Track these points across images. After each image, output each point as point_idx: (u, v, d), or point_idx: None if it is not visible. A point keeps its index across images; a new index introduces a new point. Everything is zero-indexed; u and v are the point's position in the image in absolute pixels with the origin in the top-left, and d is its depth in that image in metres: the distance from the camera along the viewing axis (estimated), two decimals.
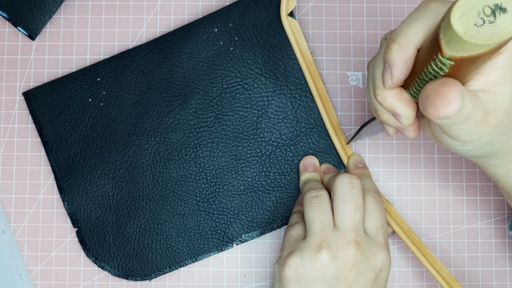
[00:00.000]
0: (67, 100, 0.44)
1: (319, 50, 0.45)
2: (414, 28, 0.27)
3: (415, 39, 0.27)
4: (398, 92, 0.30)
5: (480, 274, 0.44)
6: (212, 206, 0.44)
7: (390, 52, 0.28)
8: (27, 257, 0.44)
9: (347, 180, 0.37)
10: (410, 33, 0.27)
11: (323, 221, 0.37)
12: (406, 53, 0.27)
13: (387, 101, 0.30)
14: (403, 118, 0.30)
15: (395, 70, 0.28)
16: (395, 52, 0.28)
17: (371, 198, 0.38)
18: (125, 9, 0.46)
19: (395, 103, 0.30)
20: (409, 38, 0.27)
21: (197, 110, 0.44)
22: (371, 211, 0.38)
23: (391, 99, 0.30)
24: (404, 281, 0.44)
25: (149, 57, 0.44)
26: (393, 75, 0.28)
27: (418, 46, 0.27)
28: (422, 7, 0.27)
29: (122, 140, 0.44)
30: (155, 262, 0.44)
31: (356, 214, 0.36)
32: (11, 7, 0.44)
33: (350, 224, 0.36)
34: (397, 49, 0.27)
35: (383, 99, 0.30)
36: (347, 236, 0.36)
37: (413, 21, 0.27)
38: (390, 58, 0.28)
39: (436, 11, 0.27)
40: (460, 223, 0.44)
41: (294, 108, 0.44)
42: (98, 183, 0.44)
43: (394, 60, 0.28)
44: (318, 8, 0.46)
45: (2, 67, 0.46)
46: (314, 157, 0.44)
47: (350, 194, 0.37)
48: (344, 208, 0.37)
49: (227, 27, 0.44)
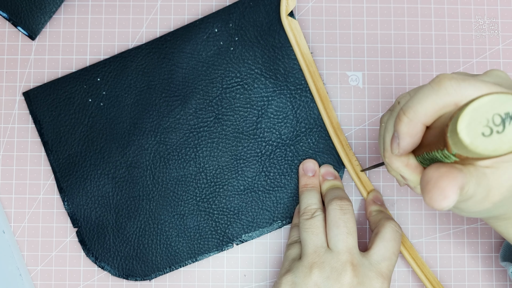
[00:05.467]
0: (67, 100, 0.44)
1: (319, 50, 0.45)
2: (425, 105, 0.27)
3: (424, 116, 0.27)
4: (405, 159, 0.30)
5: (480, 274, 0.44)
6: (212, 206, 0.44)
7: (399, 123, 0.28)
8: (27, 257, 0.44)
9: (338, 207, 0.39)
10: (420, 109, 0.27)
11: (316, 242, 0.38)
12: (414, 128, 0.28)
13: (394, 165, 0.31)
14: (409, 182, 0.31)
15: (402, 141, 0.28)
16: (403, 125, 0.28)
17: (389, 228, 0.39)
18: (125, 9, 0.46)
19: (401, 169, 0.30)
20: (418, 114, 0.27)
21: (197, 110, 0.44)
22: (385, 240, 0.39)
23: (398, 164, 0.30)
24: (404, 281, 0.44)
25: (149, 57, 0.44)
26: (400, 146, 0.29)
27: (427, 123, 0.27)
28: (435, 83, 0.27)
29: (122, 140, 0.44)
30: (155, 262, 0.44)
31: (349, 238, 0.37)
32: (11, 7, 0.44)
33: (343, 247, 0.37)
34: (406, 122, 0.28)
35: (390, 162, 0.31)
36: (342, 258, 0.37)
37: (424, 97, 0.27)
38: (398, 129, 0.28)
39: (449, 90, 0.27)
40: (460, 223, 0.44)
41: (294, 108, 0.44)
42: (98, 183, 0.44)
43: (402, 132, 0.28)
44: (318, 8, 0.46)
45: (2, 67, 0.45)
46: (313, 161, 0.44)
47: (342, 219, 0.38)
48: (336, 232, 0.38)
49: (227, 27, 0.44)
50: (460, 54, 0.45)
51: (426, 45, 0.45)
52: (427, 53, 0.45)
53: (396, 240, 0.39)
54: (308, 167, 0.43)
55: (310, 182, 0.43)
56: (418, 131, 0.28)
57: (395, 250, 0.39)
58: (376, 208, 0.43)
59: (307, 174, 0.43)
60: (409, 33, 0.46)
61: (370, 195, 0.43)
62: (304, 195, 0.42)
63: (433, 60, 0.45)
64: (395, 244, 0.39)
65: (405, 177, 0.31)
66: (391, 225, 0.39)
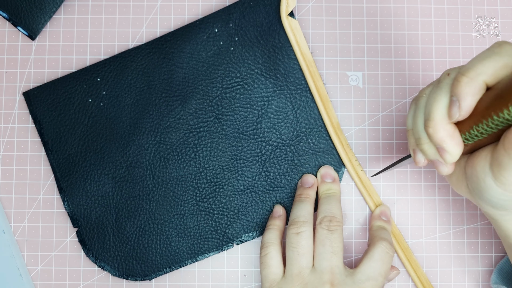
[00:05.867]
0: (67, 100, 0.44)
1: (319, 50, 0.45)
2: (486, 64, 0.27)
3: (486, 74, 0.27)
4: (452, 128, 0.30)
5: (480, 274, 0.44)
6: (212, 206, 0.44)
7: (459, 85, 0.28)
8: (27, 257, 0.44)
9: (326, 226, 0.40)
10: (481, 67, 0.27)
11: (301, 263, 0.39)
12: (476, 86, 0.27)
13: (439, 135, 0.30)
14: (448, 155, 0.30)
15: (464, 102, 0.28)
16: (464, 85, 0.28)
17: (380, 248, 0.40)
18: (125, 9, 0.46)
19: (446, 139, 0.30)
20: (480, 72, 0.27)
21: (197, 110, 0.44)
22: (373, 260, 0.39)
23: (444, 133, 0.30)
24: (404, 281, 0.44)
25: (149, 57, 0.44)
26: (461, 108, 0.28)
27: (489, 81, 0.27)
28: (495, 47, 0.27)
29: (122, 140, 0.44)
30: (155, 262, 0.44)
31: (333, 257, 0.39)
32: (11, 7, 0.44)
33: (327, 267, 0.38)
34: (467, 82, 0.27)
35: (434, 132, 0.30)
36: (323, 277, 0.38)
37: (485, 58, 0.27)
38: (459, 91, 0.28)
39: (510, 52, 0.27)
40: (460, 223, 0.44)
41: (294, 108, 0.44)
42: (98, 183, 0.44)
43: (463, 92, 0.28)
44: (318, 8, 0.46)
45: (2, 67, 0.46)
46: (313, 176, 0.44)
47: (328, 239, 0.39)
48: (322, 251, 0.39)
49: (227, 27, 0.44)
50: (460, 54, 0.45)
51: (426, 45, 0.45)
52: (427, 53, 0.45)
53: (384, 261, 0.39)
54: (306, 180, 0.44)
55: (305, 192, 0.43)
56: (480, 90, 0.27)
57: (382, 271, 0.39)
58: (378, 223, 0.43)
59: (304, 186, 0.43)
60: (409, 33, 0.46)
61: (377, 209, 0.44)
62: (296, 205, 0.42)
63: (433, 60, 0.45)
64: (383, 265, 0.39)
65: (446, 149, 0.30)
66: (381, 245, 0.40)
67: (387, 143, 0.45)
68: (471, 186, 0.31)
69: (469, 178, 0.31)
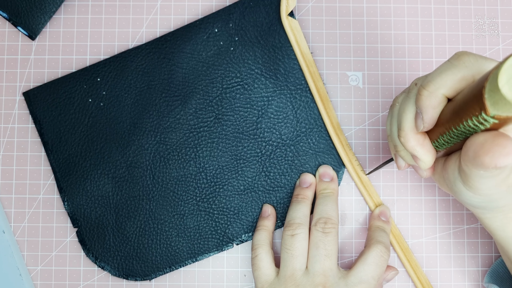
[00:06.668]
0: (67, 100, 0.44)
1: (319, 50, 0.45)
2: (444, 77, 0.28)
3: (444, 87, 0.28)
4: (421, 137, 0.31)
5: (480, 274, 0.44)
6: (212, 206, 0.44)
7: (420, 98, 0.29)
8: (27, 257, 0.44)
9: (321, 229, 0.40)
10: (440, 81, 0.28)
11: (295, 265, 0.39)
12: (436, 99, 0.28)
13: (410, 144, 0.31)
14: (421, 162, 0.32)
15: (425, 115, 0.29)
16: (425, 99, 0.29)
17: (375, 252, 0.40)
18: (125, 9, 0.46)
19: (417, 148, 0.31)
20: (439, 85, 0.28)
21: (197, 110, 0.44)
22: (367, 263, 0.40)
23: (414, 142, 0.31)
24: (404, 281, 0.44)
25: (149, 57, 0.44)
26: (424, 120, 0.29)
27: (447, 94, 0.28)
28: (454, 59, 0.28)
29: (122, 140, 0.44)
30: (155, 262, 0.44)
31: (326, 260, 0.39)
32: (11, 7, 0.44)
33: (319, 269, 0.39)
34: (427, 95, 0.29)
35: (406, 141, 0.31)
36: (316, 280, 0.39)
37: (444, 71, 0.28)
38: (420, 104, 0.29)
39: (467, 64, 0.28)
40: (460, 223, 0.44)
41: (294, 108, 0.44)
42: (98, 183, 0.44)
43: (424, 106, 0.29)
44: (318, 8, 0.46)
45: (2, 67, 0.46)
46: (311, 175, 0.44)
47: (322, 241, 0.39)
48: (315, 254, 0.39)
49: (227, 27, 0.44)
50: None
51: (426, 45, 0.45)
52: (427, 53, 0.45)
53: (379, 264, 0.39)
54: (304, 180, 0.44)
55: (302, 193, 0.43)
56: (440, 103, 0.29)
57: (375, 274, 0.39)
58: (377, 224, 0.43)
59: (302, 186, 0.43)
60: (409, 33, 0.46)
61: (377, 209, 0.44)
62: (292, 206, 0.42)
63: (433, 60, 0.45)
64: (376, 269, 0.39)
65: (418, 157, 0.31)
66: (377, 249, 0.40)
67: (387, 143, 0.45)
68: (448, 187, 0.32)
69: (446, 180, 0.32)
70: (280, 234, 0.45)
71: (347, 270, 0.40)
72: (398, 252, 0.43)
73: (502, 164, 0.25)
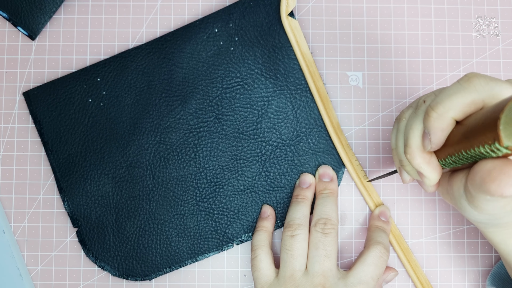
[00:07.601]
0: (67, 100, 0.44)
1: (319, 50, 0.45)
2: (454, 100, 0.28)
3: (454, 110, 0.28)
4: (428, 156, 0.31)
5: (480, 274, 0.44)
6: (212, 206, 0.44)
7: (429, 119, 0.29)
8: (27, 257, 0.44)
9: (320, 229, 0.40)
10: (449, 104, 0.28)
11: (294, 265, 0.40)
12: (444, 122, 0.28)
13: (416, 161, 0.31)
14: (427, 179, 0.31)
15: (433, 137, 0.29)
16: (433, 121, 0.28)
17: (374, 252, 0.40)
18: (125, 9, 0.46)
19: (423, 165, 0.31)
20: (448, 108, 0.28)
21: (197, 110, 0.44)
22: (366, 264, 0.40)
23: (421, 160, 0.31)
24: (404, 281, 0.44)
25: (149, 57, 0.44)
26: (431, 142, 0.29)
27: (456, 117, 0.28)
28: (464, 81, 0.28)
29: (122, 140, 0.44)
30: (155, 262, 0.44)
31: (325, 261, 0.39)
32: (11, 7, 0.44)
33: (319, 270, 0.39)
34: (436, 117, 0.28)
35: (412, 158, 0.31)
36: (315, 280, 0.39)
37: (454, 93, 0.28)
38: (428, 126, 0.29)
39: (478, 88, 0.27)
40: (460, 223, 0.44)
41: (294, 108, 0.44)
42: (98, 183, 0.44)
43: (433, 127, 0.29)
44: (318, 8, 0.46)
45: (2, 67, 0.46)
46: (311, 175, 0.44)
47: (322, 242, 0.40)
48: (315, 254, 0.39)
49: (227, 27, 0.44)
50: (460, 54, 0.45)
51: (426, 45, 0.45)
52: (427, 53, 0.45)
53: (378, 265, 0.40)
54: (303, 180, 0.44)
55: (302, 193, 0.43)
56: (448, 126, 0.28)
57: (374, 275, 0.39)
58: (377, 224, 0.43)
59: (302, 186, 0.43)
60: (409, 33, 0.46)
61: (377, 209, 0.44)
62: (292, 207, 0.42)
63: (433, 60, 0.45)
64: (375, 269, 0.39)
65: (424, 174, 0.31)
66: (376, 249, 0.40)
67: (387, 143, 0.45)
68: (452, 202, 0.32)
69: (450, 195, 0.32)
70: (279, 235, 0.45)
71: (347, 270, 0.40)
72: (398, 252, 0.43)
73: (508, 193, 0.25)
